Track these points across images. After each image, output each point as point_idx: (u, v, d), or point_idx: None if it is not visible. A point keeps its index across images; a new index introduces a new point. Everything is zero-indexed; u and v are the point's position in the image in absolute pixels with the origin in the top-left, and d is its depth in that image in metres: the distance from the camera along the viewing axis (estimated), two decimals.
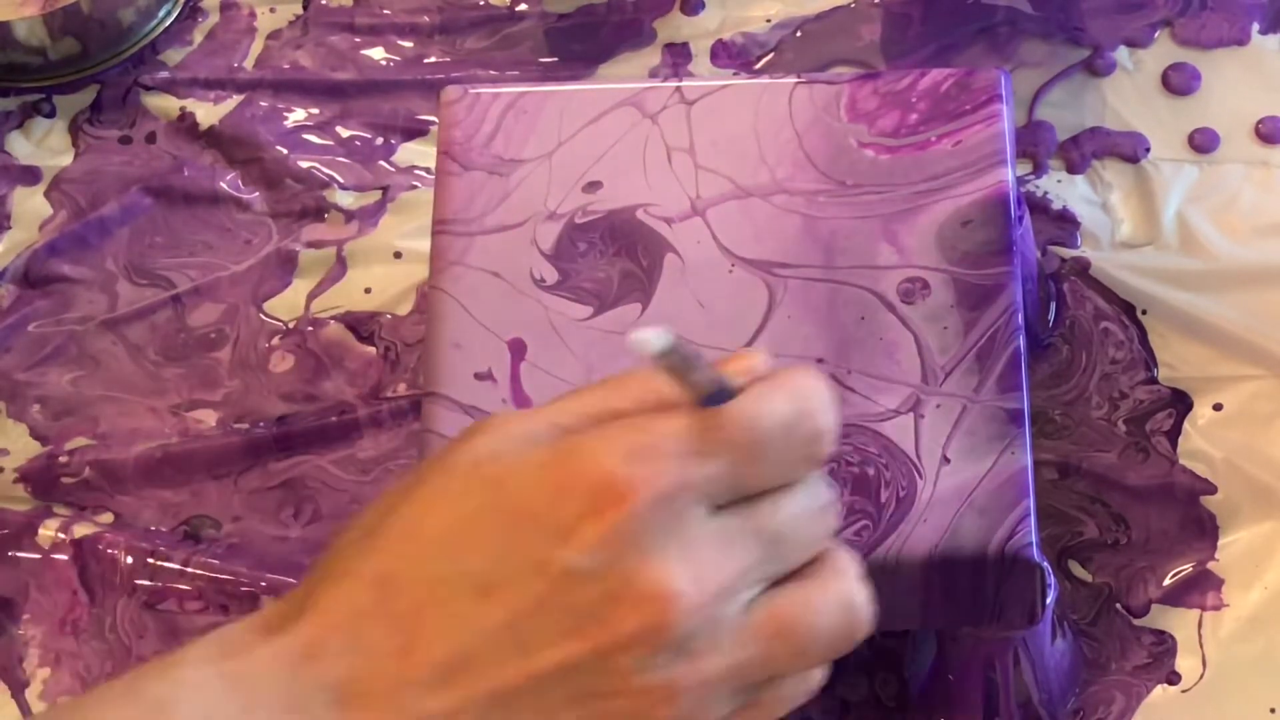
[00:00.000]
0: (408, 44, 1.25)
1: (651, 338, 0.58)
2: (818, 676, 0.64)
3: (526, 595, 0.58)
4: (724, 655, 0.60)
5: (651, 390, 0.62)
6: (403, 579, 0.60)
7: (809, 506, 0.63)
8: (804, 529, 0.63)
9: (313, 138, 1.22)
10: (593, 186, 0.94)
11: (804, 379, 0.62)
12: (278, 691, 0.60)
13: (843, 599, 0.63)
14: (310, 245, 1.18)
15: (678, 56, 1.22)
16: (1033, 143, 1.16)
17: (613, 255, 0.92)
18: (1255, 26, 1.19)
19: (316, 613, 0.61)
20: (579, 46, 1.23)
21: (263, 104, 1.24)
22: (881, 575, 0.84)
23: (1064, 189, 1.14)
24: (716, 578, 0.59)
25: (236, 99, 1.24)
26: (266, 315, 1.16)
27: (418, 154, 1.21)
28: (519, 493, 0.59)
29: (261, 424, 1.12)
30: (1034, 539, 0.85)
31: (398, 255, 1.16)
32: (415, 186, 1.19)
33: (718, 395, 0.60)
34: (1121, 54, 1.19)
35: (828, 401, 0.62)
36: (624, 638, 0.58)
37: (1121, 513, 1.04)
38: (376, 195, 1.19)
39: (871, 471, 0.86)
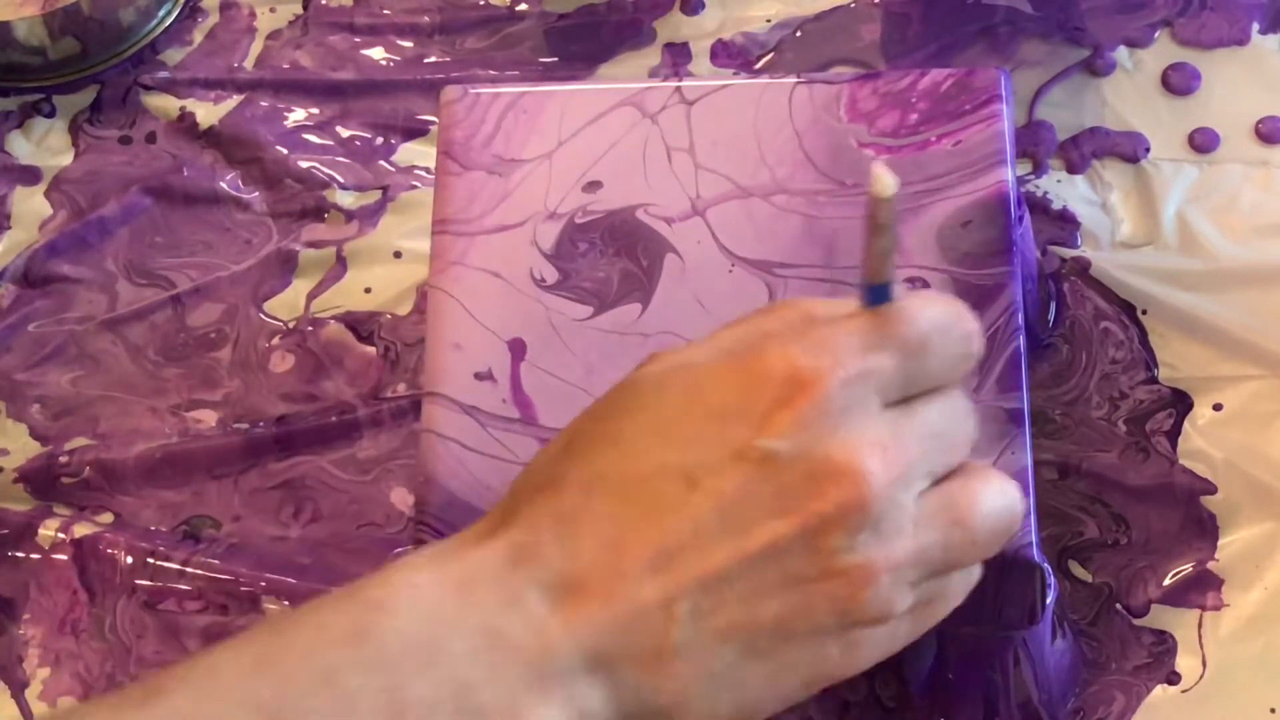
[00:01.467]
0: (408, 44, 1.25)
1: (889, 180, 0.63)
2: (976, 574, 0.69)
3: (731, 482, 0.62)
4: (910, 539, 0.63)
5: (797, 312, 0.66)
6: (609, 480, 0.63)
7: (960, 410, 0.67)
8: (958, 429, 0.66)
9: (312, 137, 1.22)
10: (593, 186, 0.94)
11: (943, 296, 0.67)
12: (494, 589, 0.63)
13: (1002, 490, 0.67)
14: (310, 245, 1.18)
15: (678, 56, 1.22)
16: (1033, 142, 1.16)
17: (613, 255, 0.92)
18: (1255, 26, 1.19)
19: (525, 519, 0.64)
20: (579, 46, 1.23)
21: (263, 104, 1.24)
22: None
23: (1064, 189, 1.14)
24: (899, 461, 0.63)
25: (236, 99, 1.24)
26: (266, 315, 1.16)
27: (418, 154, 1.21)
28: (714, 392, 0.63)
29: (261, 424, 1.12)
30: (1034, 539, 0.85)
31: (398, 255, 1.17)
32: (415, 186, 1.19)
33: (879, 293, 0.65)
34: (1121, 54, 1.19)
35: (969, 312, 0.67)
36: (827, 515, 0.61)
37: (1121, 513, 1.04)
38: (376, 195, 1.19)
39: None
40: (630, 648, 0.62)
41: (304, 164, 1.20)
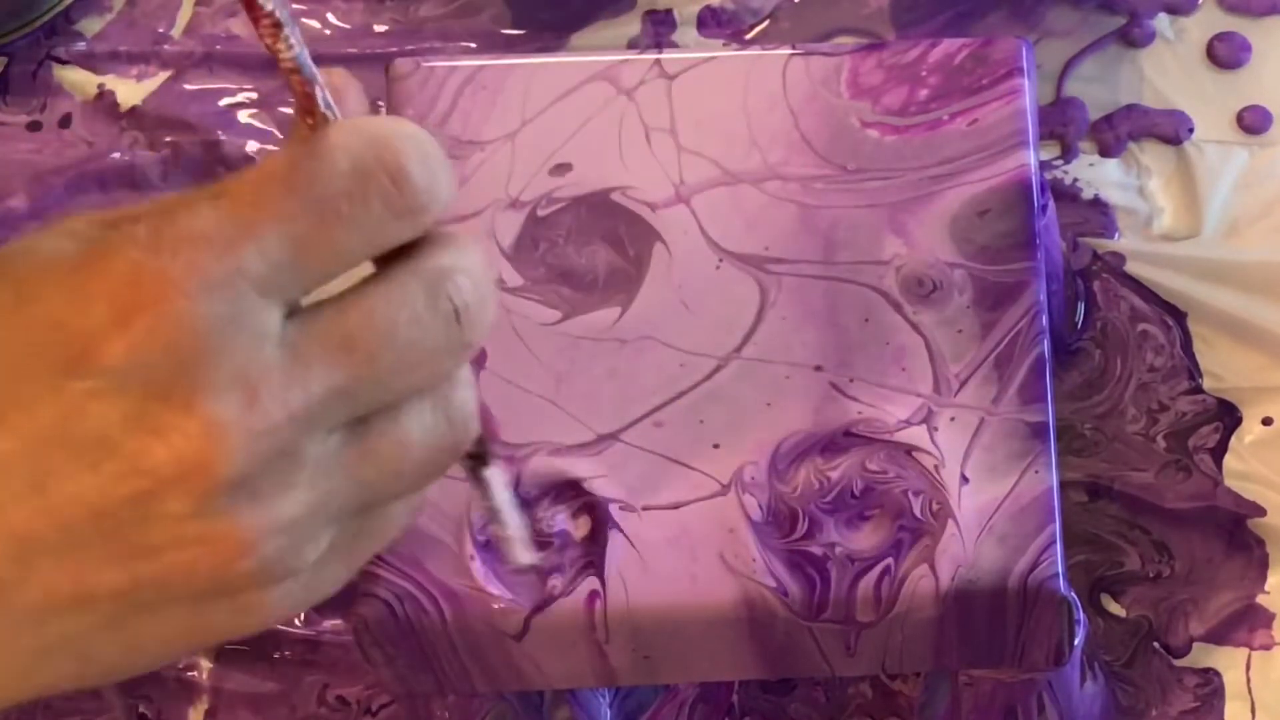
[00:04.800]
0: (355, 11, 1.25)
1: None
2: (426, 493, 0.61)
3: (43, 421, 0.53)
4: (302, 492, 0.55)
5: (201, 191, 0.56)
6: None
7: (418, 315, 0.56)
8: (410, 344, 0.56)
9: (249, 119, 1.22)
10: (561, 170, 0.94)
11: (389, 120, 0.56)
12: None
13: (446, 412, 0.58)
14: None
15: (660, 25, 1.22)
16: (1061, 122, 1.16)
17: (584, 249, 0.92)
18: None
19: None
20: (548, 14, 1.23)
21: (192, 80, 1.24)
22: (889, 611, 0.85)
23: (1096, 174, 1.14)
24: (280, 404, 0.54)
25: (162, 75, 1.24)
26: None
27: None
28: (38, 298, 0.54)
29: None
30: (1060, 569, 0.85)
31: None
32: None
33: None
34: (1161, 22, 1.19)
35: (419, 140, 0.56)
36: (157, 477, 0.53)
37: (1162, 540, 1.04)
38: None
39: (876, 494, 0.86)
40: None
41: (239, 149, 1.20)
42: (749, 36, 1.21)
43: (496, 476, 0.65)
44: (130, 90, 1.23)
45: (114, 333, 0.53)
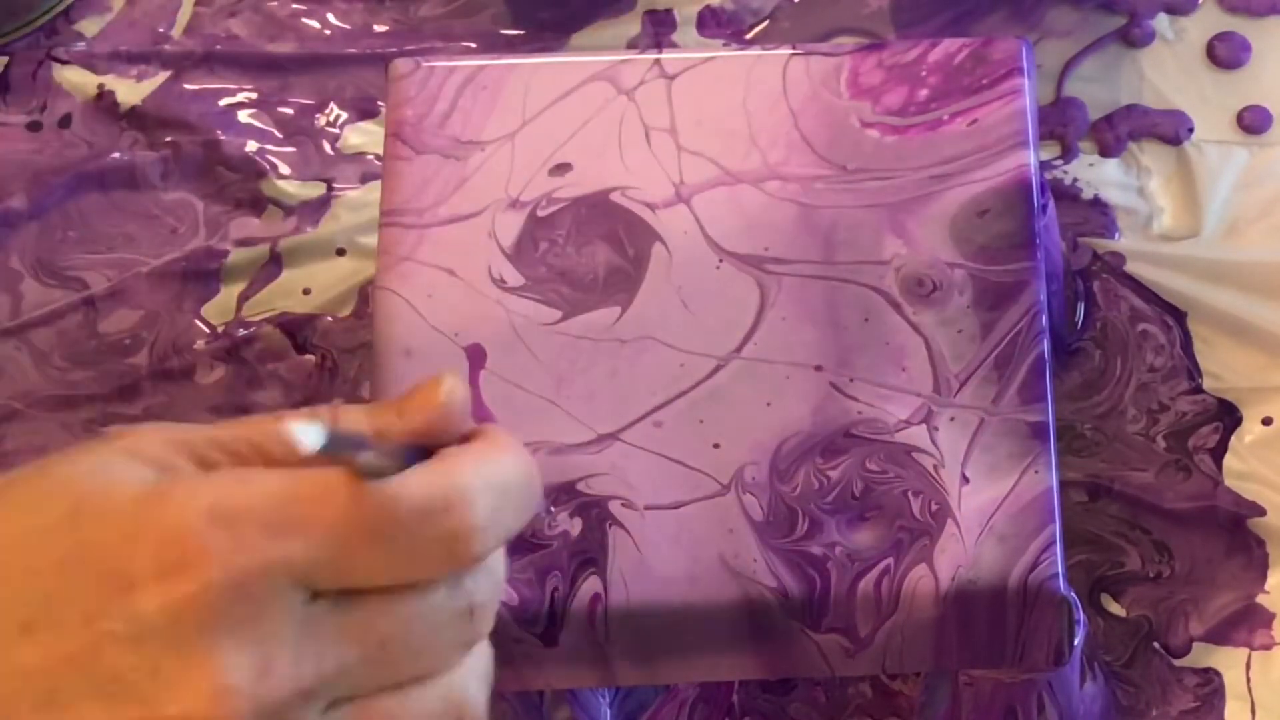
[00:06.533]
0: (355, 11, 1.25)
1: (303, 437, 0.55)
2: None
3: (66, 644, 0.56)
4: None
5: (265, 434, 0.59)
6: None
7: (436, 612, 0.59)
8: (423, 637, 0.59)
9: (248, 119, 1.22)
10: (561, 170, 0.94)
11: (489, 456, 0.58)
12: None
13: (446, 695, 0.60)
14: (242, 242, 1.17)
15: (660, 25, 1.22)
16: (1061, 122, 1.16)
17: (584, 249, 0.92)
18: None
19: None
20: (548, 14, 1.23)
21: (192, 80, 1.23)
22: (889, 611, 0.85)
23: (1096, 174, 1.14)
24: (291, 677, 0.57)
25: (162, 75, 1.24)
26: (192, 318, 1.15)
27: (367, 136, 1.20)
28: (94, 524, 0.56)
29: None
30: (1060, 569, 0.85)
31: (340, 252, 1.16)
32: (364, 175, 1.19)
33: (339, 442, 0.57)
34: (1161, 22, 1.19)
35: (502, 491, 0.59)
36: None
37: (1163, 540, 1.04)
38: (319, 188, 1.19)
39: (876, 494, 0.86)
40: None
41: (238, 149, 1.20)
42: (749, 36, 1.21)
43: None
44: (130, 90, 1.23)
45: (153, 584, 0.55)
